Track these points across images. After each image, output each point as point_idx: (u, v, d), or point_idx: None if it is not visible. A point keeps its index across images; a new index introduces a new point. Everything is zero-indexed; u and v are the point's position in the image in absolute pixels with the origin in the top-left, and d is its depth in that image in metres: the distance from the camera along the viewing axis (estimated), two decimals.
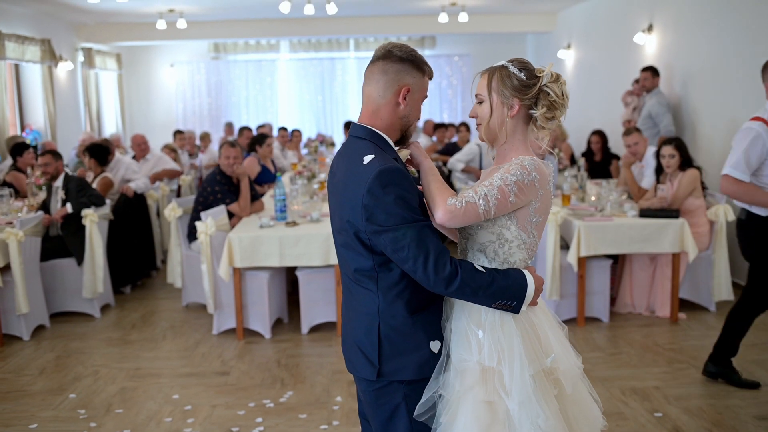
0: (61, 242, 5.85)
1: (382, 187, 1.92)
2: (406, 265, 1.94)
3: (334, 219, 2.12)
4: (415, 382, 2.05)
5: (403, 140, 2.15)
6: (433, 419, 2.04)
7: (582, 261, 5.22)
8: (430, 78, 2.15)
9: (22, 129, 10.34)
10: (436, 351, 2.06)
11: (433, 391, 2.03)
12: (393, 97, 2.07)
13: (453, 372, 2.03)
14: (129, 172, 7.07)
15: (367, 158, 1.97)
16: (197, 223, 5.22)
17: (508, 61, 2.14)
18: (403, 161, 2.09)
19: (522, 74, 2.10)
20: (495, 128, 2.13)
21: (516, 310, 2.02)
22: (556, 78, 2.13)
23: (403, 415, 2.06)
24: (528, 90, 2.10)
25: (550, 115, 2.15)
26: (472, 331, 2.05)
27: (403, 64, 2.06)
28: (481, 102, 2.14)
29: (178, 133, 10.35)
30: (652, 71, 7.34)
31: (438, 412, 2.03)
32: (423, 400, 2.03)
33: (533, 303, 2.07)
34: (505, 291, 1.99)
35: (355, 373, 2.13)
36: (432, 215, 2.04)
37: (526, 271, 2.06)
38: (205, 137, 10.90)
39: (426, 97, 2.15)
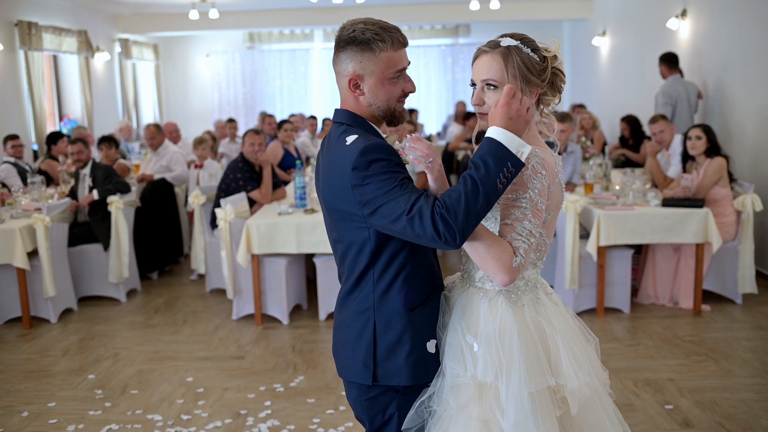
0: (88, 228, 6.00)
1: (367, 163, 1.78)
2: (406, 233, 1.76)
3: (325, 215, 2.01)
4: (410, 392, 1.95)
5: (393, 122, 1.98)
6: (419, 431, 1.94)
7: (602, 250, 5.13)
8: (398, 46, 1.90)
9: (60, 119, 10.61)
10: (432, 351, 1.94)
11: (424, 401, 1.90)
12: (347, 89, 1.93)
13: (447, 387, 1.87)
14: (173, 162, 7.22)
15: (350, 138, 1.86)
16: (216, 210, 5.29)
17: (515, 39, 1.91)
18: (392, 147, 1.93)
19: (535, 56, 1.89)
20: None
21: (519, 166, 1.76)
22: (555, 57, 1.94)
23: (394, 428, 1.96)
24: (544, 74, 1.90)
25: (557, 101, 1.98)
26: (467, 344, 1.88)
27: (345, 51, 1.90)
28: (494, 87, 1.89)
29: (230, 121, 10.29)
30: (662, 60, 7.18)
31: (428, 426, 1.90)
32: (412, 412, 1.92)
33: (525, 122, 1.79)
34: (490, 176, 1.73)
35: (346, 377, 2.00)
36: (495, 278, 1.81)
37: (488, 131, 1.80)
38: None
39: (401, 68, 1.91)
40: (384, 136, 1.99)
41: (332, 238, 2.01)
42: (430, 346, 1.94)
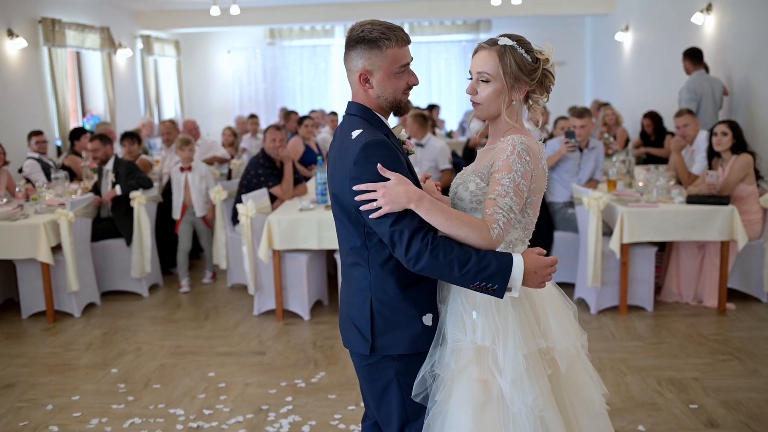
0: (111, 223, 6.05)
1: (367, 158, 1.95)
2: (386, 239, 1.97)
3: (331, 198, 2.17)
4: (407, 358, 2.08)
5: (399, 112, 2.15)
6: (427, 399, 2.07)
7: (625, 248, 5.08)
8: (402, 44, 2.06)
9: (83, 115, 10.71)
10: (429, 324, 2.09)
11: (427, 369, 2.05)
12: (357, 83, 2.09)
13: (449, 351, 2.05)
14: None
15: (355, 133, 2.02)
16: (238, 206, 5.31)
17: (511, 39, 2.11)
18: (397, 137, 2.12)
19: (528, 57, 2.09)
20: (498, 110, 2.12)
21: (498, 294, 1.95)
22: (547, 60, 2.14)
23: (395, 391, 2.10)
24: (534, 74, 2.10)
25: (544, 99, 2.17)
26: (467, 312, 2.07)
27: (355, 49, 2.06)
28: (487, 81, 2.09)
29: (252, 117, 10.28)
30: (686, 55, 7.08)
31: (433, 390, 2.06)
32: (418, 379, 2.06)
33: (536, 285, 2.00)
34: (481, 272, 1.92)
35: (349, 347, 2.18)
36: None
37: (516, 255, 1.98)
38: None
39: (405, 63, 2.08)
40: (391, 127, 2.17)
41: (334, 214, 2.18)
42: (426, 319, 2.10)
